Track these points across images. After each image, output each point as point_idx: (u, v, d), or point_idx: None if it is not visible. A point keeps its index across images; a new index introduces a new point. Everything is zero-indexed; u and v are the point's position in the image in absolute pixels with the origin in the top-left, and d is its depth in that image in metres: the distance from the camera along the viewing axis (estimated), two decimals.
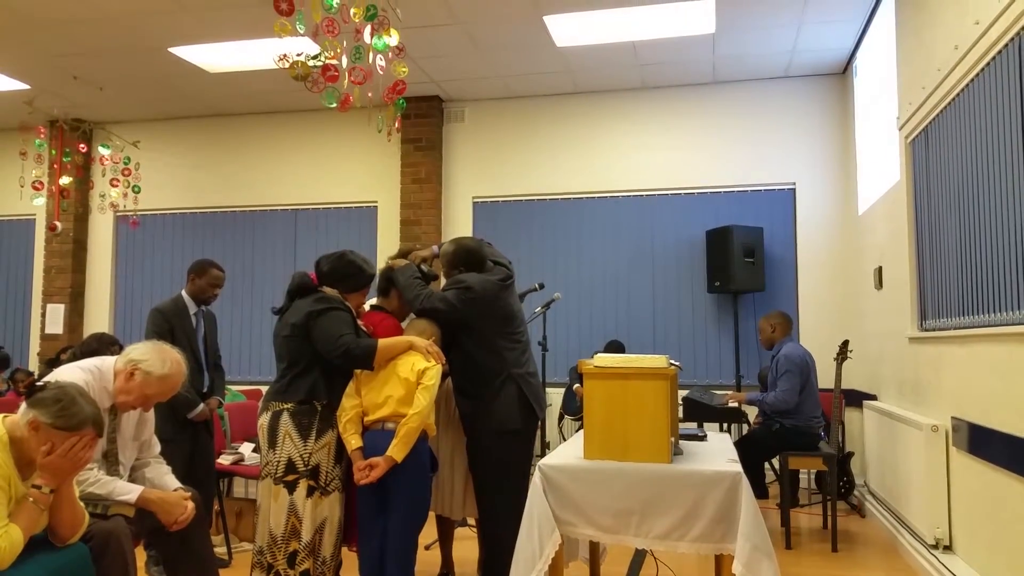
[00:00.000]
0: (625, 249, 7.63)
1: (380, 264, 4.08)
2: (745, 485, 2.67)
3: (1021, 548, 3.31)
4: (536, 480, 2.84)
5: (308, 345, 3.31)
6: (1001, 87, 3.49)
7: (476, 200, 7.99)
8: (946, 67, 4.14)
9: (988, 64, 3.63)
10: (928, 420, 4.39)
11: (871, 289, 6.10)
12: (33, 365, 8.30)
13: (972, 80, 3.84)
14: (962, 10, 3.95)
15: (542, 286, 5.63)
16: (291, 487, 3.21)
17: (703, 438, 3.49)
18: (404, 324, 3.75)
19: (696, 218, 7.46)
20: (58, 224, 7.86)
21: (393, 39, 4.07)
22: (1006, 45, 3.42)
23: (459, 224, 7.95)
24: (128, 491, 2.87)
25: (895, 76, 5.26)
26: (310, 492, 3.21)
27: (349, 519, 3.38)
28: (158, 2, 5.72)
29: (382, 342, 3.32)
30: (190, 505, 2.95)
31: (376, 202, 8.16)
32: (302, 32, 3.74)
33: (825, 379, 5.73)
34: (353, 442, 3.26)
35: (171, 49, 6.62)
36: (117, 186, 7.38)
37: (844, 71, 7.14)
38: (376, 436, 3.26)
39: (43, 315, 8.53)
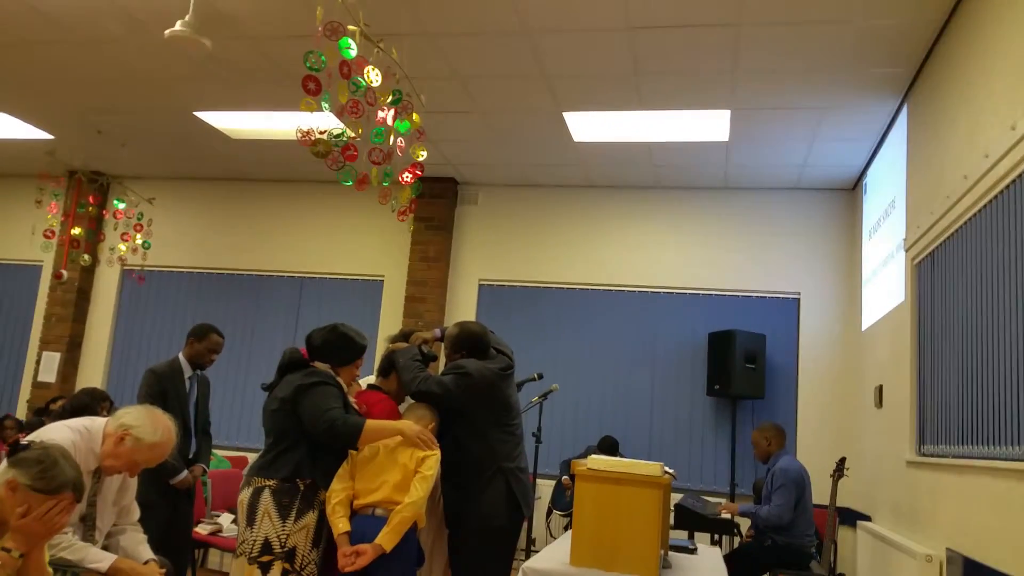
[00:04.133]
0: (627, 344, 7.60)
1: (380, 338, 4.06)
2: None
3: None
4: None
5: (295, 420, 3.24)
6: (1008, 220, 3.53)
7: (482, 283, 8.02)
8: (954, 195, 4.20)
9: (996, 197, 3.68)
10: (922, 549, 4.27)
11: (871, 407, 6.04)
12: (22, 412, 8.19)
13: (980, 211, 3.89)
14: (972, 142, 4.02)
15: (541, 376, 5.56)
16: (265, 568, 3.10)
17: (693, 551, 3.42)
18: (402, 407, 3.70)
19: (699, 319, 7.45)
20: (64, 272, 7.89)
21: (414, 124, 4.15)
22: (1014, 180, 3.47)
23: (463, 305, 7.95)
24: (100, 559, 2.79)
25: (904, 198, 5.33)
26: (284, 575, 3.11)
27: None
28: (189, 68, 5.87)
29: (370, 423, 3.26)
30: None
31: (383, 276, 8.19)
32: (327, 110, 3.82)
33: (820, 495, 5.62)
34: (340, 526, 3.14)
35: (196, 112, 6.76)
36: (128, 240, 7.42)
37: (854, 187, 7.25)
38: (365, 522, 3.15)
39: (37, 362, 8.47)
